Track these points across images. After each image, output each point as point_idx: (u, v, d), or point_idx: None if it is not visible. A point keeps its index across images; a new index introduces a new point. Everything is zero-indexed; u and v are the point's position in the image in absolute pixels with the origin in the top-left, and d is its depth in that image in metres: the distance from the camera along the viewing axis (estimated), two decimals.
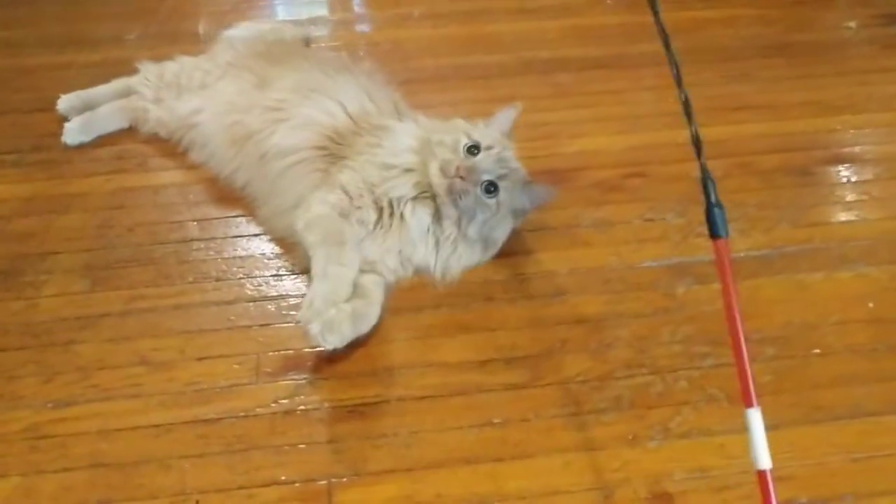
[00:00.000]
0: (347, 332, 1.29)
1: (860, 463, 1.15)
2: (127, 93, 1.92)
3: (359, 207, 1.45)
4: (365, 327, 1.33)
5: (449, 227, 1.46)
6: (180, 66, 1.88)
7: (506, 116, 1.55)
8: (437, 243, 1.47)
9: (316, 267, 1.35)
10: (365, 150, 1.52)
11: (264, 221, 1.60)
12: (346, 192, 1.46)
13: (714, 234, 0.94)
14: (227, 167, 1.68)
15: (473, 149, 1.46)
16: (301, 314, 1.29)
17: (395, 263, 1.47)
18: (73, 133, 1.85)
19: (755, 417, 0.89)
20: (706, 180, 0.96)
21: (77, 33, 2.38)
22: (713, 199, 0.95)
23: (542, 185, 1.52)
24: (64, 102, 1.92)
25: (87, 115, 1.88)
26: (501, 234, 1.49)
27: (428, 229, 1.47)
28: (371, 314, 1.35)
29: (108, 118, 1.89)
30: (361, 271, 1.40)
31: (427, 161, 1.45)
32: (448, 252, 1.47)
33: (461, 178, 1.41)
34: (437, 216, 1.46)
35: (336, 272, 1.34)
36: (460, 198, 1.42)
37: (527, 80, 2.13)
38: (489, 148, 1.46)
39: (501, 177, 1.45)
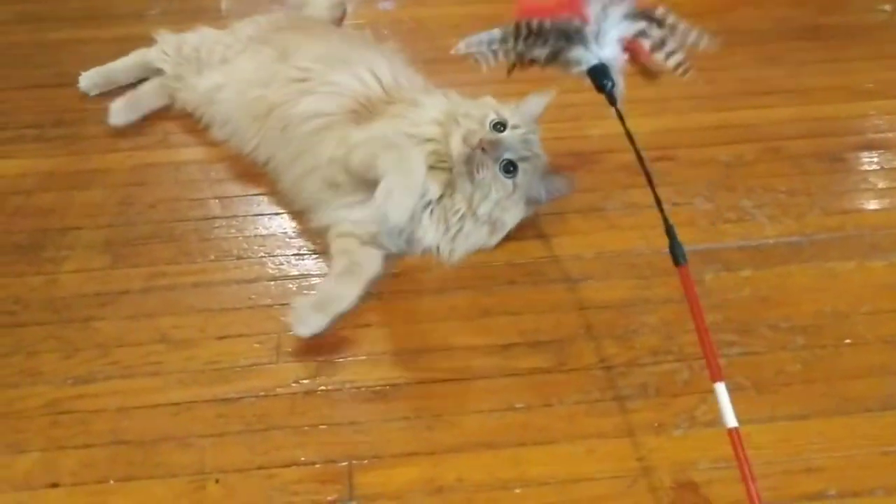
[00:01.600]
0: (314, 322, 1.28)
1: (891, 456, 1.13)
2: (146, 65, 1.90)
3: None
4: (339, 308, 1.30)
5: (459, 202, 1.42)
6: (201, 39, 1.84)
7: (537, 102, 1.51)
8: (445, 220, 1.43)
9: (386, 164, 1.32)
10: (394, 117, 1.49)
11: (286, 191, 1.57)
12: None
13: (676, 262, 1.15)
14: (249, 143, 1.66)
15: (500, 125, 1.43)
16: (379, 205, 1.28)
17: (402, 238, 1.43)
18: (119, 113, 1.82)
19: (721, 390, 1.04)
20: (669, 228, 1.18)
21: (98, 9, 2.36)
22: (676, 239, 1.16)
23: (561, 177, 1.50)
24: (85, 80, 1.91)
25: (130, 94, 1.86)
26: (511, 219, 1.46)
27: (436, 203, 1.43)
28: (344, 295, 1.31)
29: (152, 95, 1.86)
30: (361, 242, 1.38)
31: (450, 131, 1.42)
32: (454, 230, 1.43)
33: (483, 149, 1.38)
34: (450, 190, 1.43)
35: (410, 167, 1.33)
36: (477, 171, 1.39)
37: None
38: (516, 127, 1.43)
39: (523, 158, 1.42)
